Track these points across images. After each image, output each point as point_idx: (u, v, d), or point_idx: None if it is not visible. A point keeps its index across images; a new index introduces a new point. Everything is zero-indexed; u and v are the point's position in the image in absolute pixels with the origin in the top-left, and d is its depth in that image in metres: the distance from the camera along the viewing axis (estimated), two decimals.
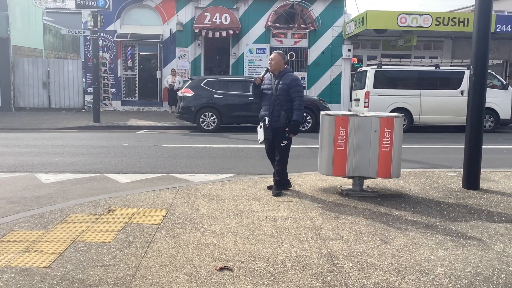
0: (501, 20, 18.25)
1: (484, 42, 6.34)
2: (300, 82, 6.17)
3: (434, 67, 15.34)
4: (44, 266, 3.72)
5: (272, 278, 3.56)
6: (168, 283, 3.45)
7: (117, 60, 20.83)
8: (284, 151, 6.24)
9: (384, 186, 6.69)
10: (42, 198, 6.26)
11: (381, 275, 3.65)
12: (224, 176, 7.78)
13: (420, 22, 17.96)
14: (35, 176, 7.63)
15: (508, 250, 4.25)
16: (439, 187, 6.75)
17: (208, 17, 20.18)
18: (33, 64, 21.01)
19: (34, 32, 24.31)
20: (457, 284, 3.52)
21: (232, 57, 21.21)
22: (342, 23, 21.12)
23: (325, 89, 21.30)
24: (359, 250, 4.19)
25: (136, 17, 20.87)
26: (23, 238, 4.39)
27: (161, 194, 6.15)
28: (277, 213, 5.33)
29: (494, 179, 7.26)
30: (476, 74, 6.39)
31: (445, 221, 5.10)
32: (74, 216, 5.10)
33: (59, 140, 11.90)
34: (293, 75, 6.21)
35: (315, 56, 21.22)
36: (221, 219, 5.06)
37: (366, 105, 15.10)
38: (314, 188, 6.57)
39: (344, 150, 5.98)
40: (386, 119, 5.91)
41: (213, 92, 14.57)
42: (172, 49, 20.82)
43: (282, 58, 6.19)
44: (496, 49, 21.07)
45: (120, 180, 7.46)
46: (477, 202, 5.94)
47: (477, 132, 6.46)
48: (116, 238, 4.40)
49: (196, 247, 4.21)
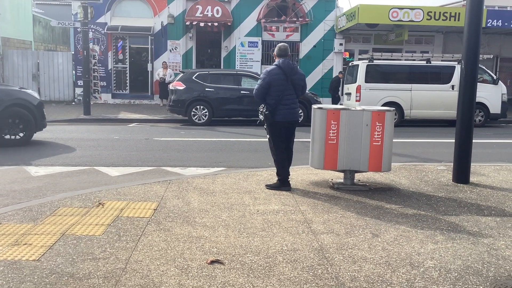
0: (492, 15, 18.33)
1: (475, 37, 6.36)
2: (264, 74, 6.07)
3: (425, 62, 15.39)
4: (33, 260, 3.69)
5: (263, 271, 3.56)
6: (158, 276, 3.44)
7: (107, 52, 20.67)
8: (269, 146, 6.32)
9: (375, 180, 6.71)
10: (31, 191, 6.20)
11: (372, 268, 3.66)
12: (215, 170, 7.77)
13: (411, 17, 18.01)
14: (24, 169, 7.57)
15: (498, 243, 4.28)
16: (430, 181, 6.78)
17: (200, 9, 20.07)
18: (22, 56, 20.79)
19: (24, 24, 24.06)
20: (447, 277, 3.54)
21: (223, 50, 21.13)
22: (334, 17, 21.11)
23: (317, 83, 21.31)
24: (350, 243, 4.20)
25: (127, 9, 20.70)
26: (12, 231, 4.35)
27: (152, 187, 6.12)
28: (268, 206, 5.33)
29: (484, 173, 7.31)
30: (467, 69, 6.41)
31: (435, 214, 5.13)
32: (64, 209, 5.06)
33: (49, 133, 11.79)
34: (267, 68, 6.26)
35: (307, 50, 21.21)
36: (212, 213, 5.04)
37: (357, 99, 15.12)
38: (305, 182, 6.57)
39: (335, 144, 5.98)
40: (378, 113, 5.92)
41: (204, 85, 14.51)
42: (163, 41, 20.70)
43: (275, 52, 6.24)
44: (486, 44, 21.19)
45: (110, 173, 7.42)
46: (467, 195, 5.98)
47: (468, 126, 6.49)
48: (106, 232, 4.38)
49: (187, 240, 4.19)
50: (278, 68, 6.02)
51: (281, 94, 6.00)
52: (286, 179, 6.16)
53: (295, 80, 6.08)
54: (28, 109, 9.84)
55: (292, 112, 6.13)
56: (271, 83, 5.98)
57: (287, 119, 6.10)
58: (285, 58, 6.10)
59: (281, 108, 6.03)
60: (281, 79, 5.99)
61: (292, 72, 6.05)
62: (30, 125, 9.85)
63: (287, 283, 3.37)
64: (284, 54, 6.12)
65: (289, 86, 6.05)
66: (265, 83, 5.99)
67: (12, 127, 9.73)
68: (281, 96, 6.00)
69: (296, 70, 6.14)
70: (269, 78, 5.98)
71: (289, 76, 6.02)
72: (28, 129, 9.88)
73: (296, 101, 6.20)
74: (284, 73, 6.00)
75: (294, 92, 6.12)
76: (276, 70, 6.02)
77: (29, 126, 9.85)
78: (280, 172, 6.16)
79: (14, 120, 9.71)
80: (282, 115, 6.05)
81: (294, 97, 6.15)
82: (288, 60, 6.11)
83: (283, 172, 6.15)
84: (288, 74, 6.02)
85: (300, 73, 6.20)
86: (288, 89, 6.04)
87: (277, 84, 5.98)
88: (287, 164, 6.21)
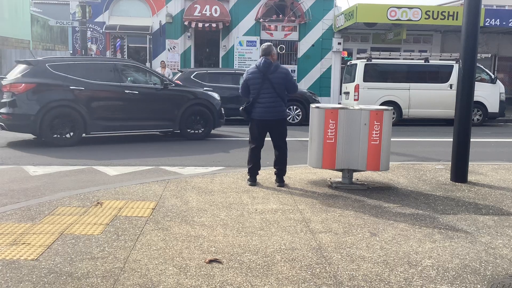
0: (490, 14, 18.36)
1: (473, 36, 6.37)
2: (244, 73, 6.36)
3: (423, 61, 15.41)
4: (32, 259, 3.69)
5: (261, 270, 3.56)
6: (157, 276, 3.44)
7: (106, 52, 20.65)
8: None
9: (373, 179, 6.72)
10: (29, 190, 6.20)
11: (370, 267, 3.67)
12: (213, 169, 7.77)
13: (409, 16, 18.03)
14: (23, 169, 7.56)
15: (495, 242, 4.29)
16: (428, 180, 6.79)
17: (198, 9, 20.07)
18: (20, 55, 20.77)
19: (22, 23, 24.02)
20: (444, 276, 3.55)
21: (222, 49, 21.13)
22: (333, 16, 21.11)
23: (315, 82, 21.33)
24: (348, 242, 4.20)
25: (125, 9, 20.68)
26: (10, 230, 4.35)
27: (150, 186, 6.12)
28: (266, 205, 5.33)
29: (482, 172, 7.33)
30: (465, 68, 6.42)
31: (433, 213, 5.14)
32: (62, 209, 5.06)
33: None
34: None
35: (305, 49, 21.22)
36: (210, 212, 5.05)
37: (355, 98, 15.14)
38: (303, 181, 6.58)
39: (333, 143, 5.99)
40: (376, 112, 5.93)
41: (203, 84, 14.49)
42: (162, 41, 20.69)
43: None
44: (484, 43, 21.21)
45: (109, 172, 7.42)
46: (465, 194, 5.99)
47: (466, 125, 6.50)
48: (104, 231, 4.38)
49: (186, 239, 4.20)
50: (255, 67, 6.25)
51: (257, 93, 6.16)
52: (251, 173, 6.37)
53: (272, 79, 6.12)
54: (208, 108, 11.18)
55: (268, 111, 6.19)
56: (248, 82, 6.22)
57: (262, 117, 6.21)
58: (265, 57, 6.19)
59: (257, 106, 6.21)
60: (256, 78, 6.15)
61: (268, 71, 6.12)
62: (209, 122, 11.23)
63: (285, 282, 3.37)
64: (264, 54, 6.22)
65: (266, 85, 6.14)
66: (243, 82, 6.32)
67: (194, 123, 11.17)
68: (257, 95, 6.17)
69: (274, 69, 6.15)
70: (246, 77, 6.26)
71: (266, 75, 6.11)
72: (208, 125, 11.26)
73: (276, 100, 6.18)
74: (260, 71, 6.13)
75: (273, 91, 6.15)
76: (253, 69, 6.27)
77: (208, 123, 11.22)
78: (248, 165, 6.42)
79: (196, 117, 11.14)
80: (257, 113, 6.23)
81: (273, 96, 6.16)
82: (266, 59, 6.17)
83: (249, 167, 6.38)
84: (265, 73, 6.11)
85: (279, 71, 6.18)
86: (264, 88, 6.14)
87: (253, 83, 6.18)
88: (255, 161, 6.36)
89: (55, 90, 9.61)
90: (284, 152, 6.36)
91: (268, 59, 6.16)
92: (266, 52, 6.20)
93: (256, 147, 6.36)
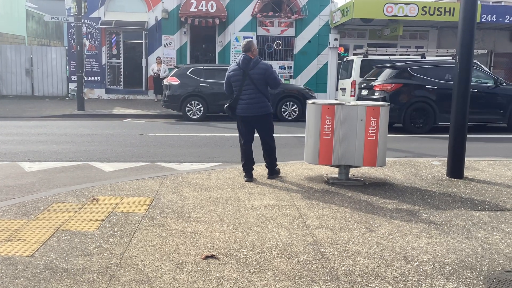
0: (486, 10, 18.38)
1: (469, 32, 6.36)
2: (227, 72, 6.43)
3: (420, 57, 15.40)
4: (27, 255, 3.67)
5: (258, 266, 3.56)
6: (153, 272, 3.43)
7: (101, 47, 20.57)
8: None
9: (369, 175, 6.72)
10: (25, 186, 6.17)
11: (366, 262, 3.67)
12: (210, 165, 7.76)
13: (406, 12, 18.03)
14: (18, 165, 7.53)
15: (492, 237, 4.30)
16: (424, 175, 6.80)
17: (194, 4, 20.00)
18: (15, 51, 20.68)
19: (17, 19, 23.89)
20: (441, 271, 3.55)
21: (218, 45, 21.07)
22: (329, 12, 21.08)
23: (312, 78, 21.31)
24: (344, 238, 4.20)
25: (120, 4, 20.58)
26: (5, 227, 4.33)
27: (146, 182, 6.11)
28: (263, 201, 5.33)
29: (478, 168, 7.34)
30: (461, 64, 6.41)
31: (429, 209, 5.15)
32: (58, 205, 5.04)
33: (43, 128, 11.75)
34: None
35: (301, 45, 21.18)
36: (207, 208, 5.04)
37: (352, 94, 15.13)
38: (300, 177, 6.58)
39: (330, 139, 5.98)
40: (372, 108, 5.92)
41: (199, 80, 14.48)
42: (158, 37, 20.61)
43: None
44: (481, 39, 21.24)
45: (104, 168, 7.40)
46: (461, 190, 6.00)
47: (462, 121, 6.50)
48: (100, 227, 4.36)
49: (182, 235, 4.19)
50: (235, 65, 6.31)
51: (239, 89, 6.24)
52: (246, 169, 6.40)
53: (252, 75, 6.16)
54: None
55: (250, 107, 6.24)
56: (230, 79, 6.31)
57: (245, 113, 6.28)
58: (245, 54, 6.23)
59: (240, 102, 6.29)
60: (237, 75, 6.23)
61: (248, 67, 6.16)
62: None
63: (282, 278, 3.37)
64: (244, 50, 6.28)
65: (247, 82, 6.19)
66: (226, 80, 6.41)
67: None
68: (239, 91, 6.24)
69: (253, 65, 6.17)
70: (228, 75, 6.36)
71: (246, 71, 6.16)
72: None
73: (257, 96, 6.21)
74: (240, 68, 6.20)
75: (254, 87, 6.18)
76: (234, 66, 6.35)
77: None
78: (241, 162, 6.49)
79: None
80: (241, 110, 6.31)
81: (254, 92, 6.20)
82: (246, 56, 6.21)
83: (242, 163, 6.44)
84: (244, 69, 6.17)
85: (258, 67, 6.19)
86: (246, 84, 6.21)
87: (234, 80, 6.27)
88: (247, 157, 6.40)
89: (416, 89, 12.33)
90: (271, 146, 6.45)
91: (247, 55, 6.21)
92: (246, 49, 6.25)
93: (246, 143, 6.41)
